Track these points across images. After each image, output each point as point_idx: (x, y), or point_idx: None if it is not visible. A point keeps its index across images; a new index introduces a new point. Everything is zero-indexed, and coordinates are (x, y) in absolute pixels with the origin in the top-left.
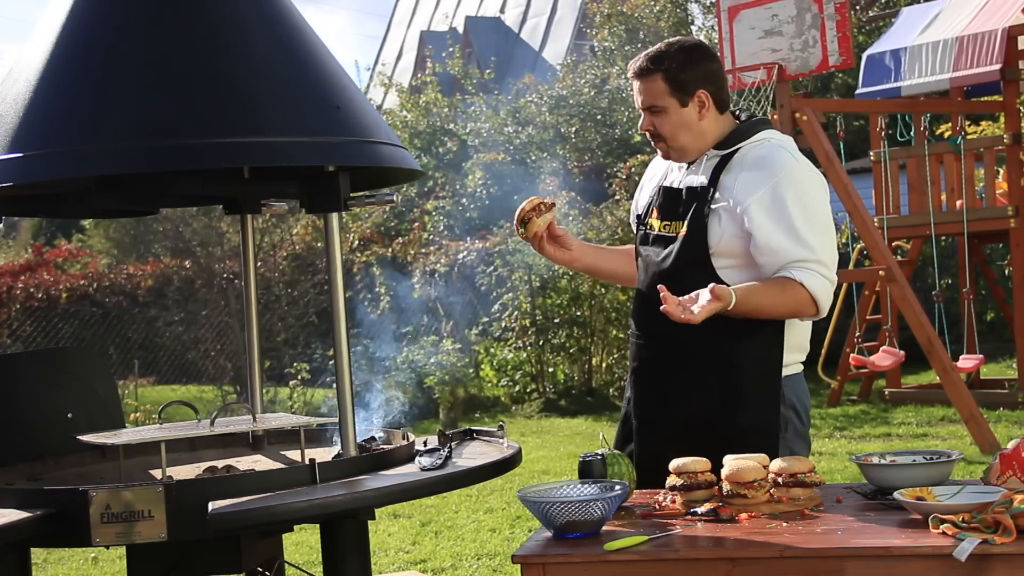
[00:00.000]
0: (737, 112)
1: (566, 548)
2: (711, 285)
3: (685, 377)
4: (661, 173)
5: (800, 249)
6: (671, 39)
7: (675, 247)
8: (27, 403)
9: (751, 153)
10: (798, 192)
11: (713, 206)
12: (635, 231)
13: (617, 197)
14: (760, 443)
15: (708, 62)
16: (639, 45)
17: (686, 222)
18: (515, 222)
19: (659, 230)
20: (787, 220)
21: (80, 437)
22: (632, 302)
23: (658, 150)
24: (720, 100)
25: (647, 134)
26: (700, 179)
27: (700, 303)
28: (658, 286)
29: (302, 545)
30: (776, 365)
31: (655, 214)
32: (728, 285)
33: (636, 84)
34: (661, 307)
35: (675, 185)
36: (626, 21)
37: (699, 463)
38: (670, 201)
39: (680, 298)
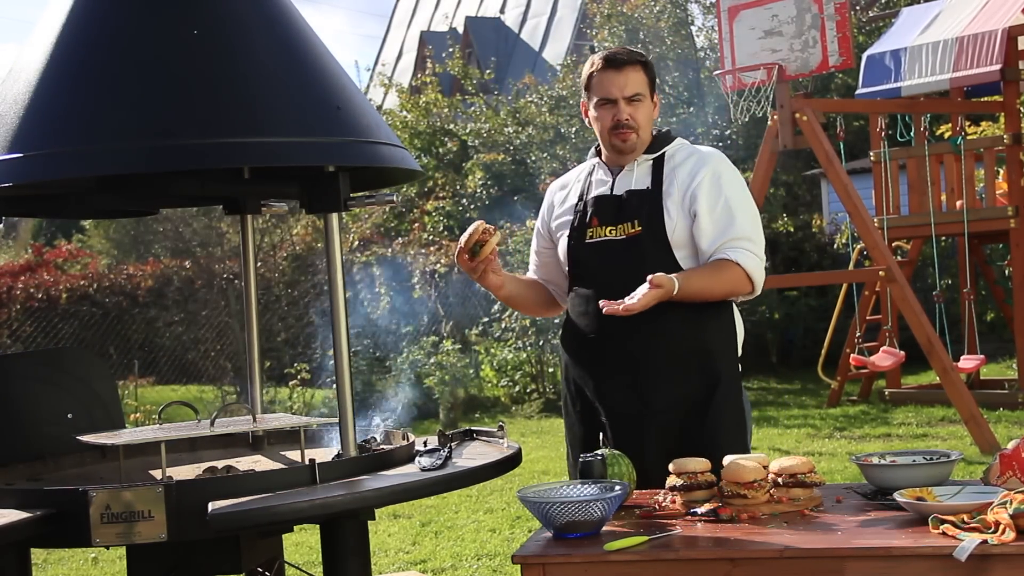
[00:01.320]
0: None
1: (566, 548)
2: (651, 277)
3: (662, 367)
4: (579, 189)
5: (733, 228)
6: (625, 46)
7: (637, 244)
8: (27, 403)
9: (679, 153)
10: (731, 177)
11: (664, 202)
12: (566, 245)
13: None
14: (734, 424)
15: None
16: (639, 45)
17: (638, 220)
18: (462, 247)
19: (605, 235)
20: (724, 200)
21: (80, 437)
22: (572, 309)
23: (621, 142)
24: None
25: (614, 125)
26: (641, 182)
27: (638, 293)
28: (600, 302)
29: (302, 545)
30: (736, 350)
31: (595, 223)
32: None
33: (616, 75)
34: (603, 310)
35: (610, 193)
36: (626, 21)
37: (699, 463)
38: (611, 207)
39: (617, 300)
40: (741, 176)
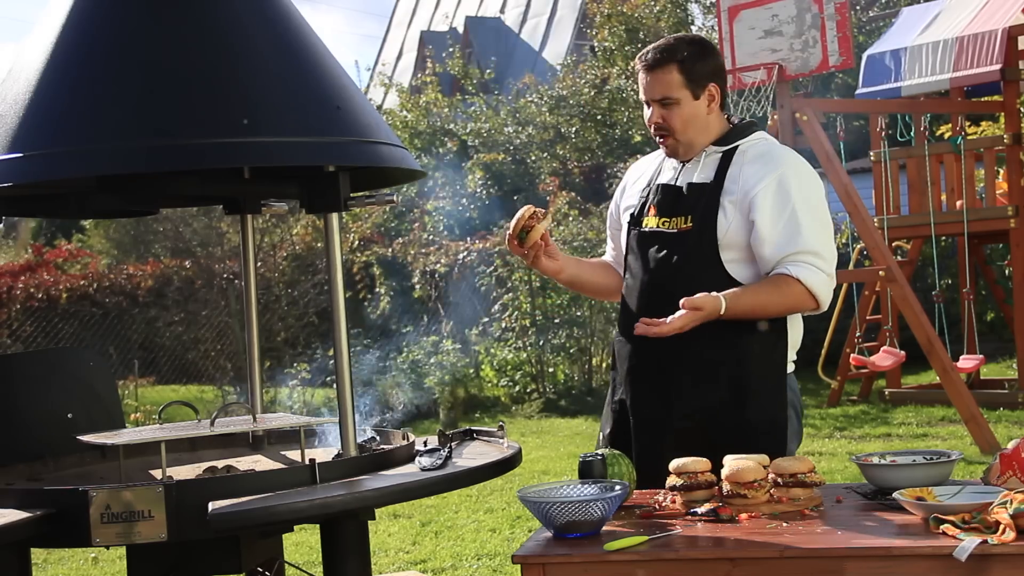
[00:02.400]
0: (729, 114)
1: (566, 548)
2: (696, 296)
3: (691, 373)
4: (650, 173)
5: (798, 241)
6: (677, 34)
7: (684, 240)
8: (27, 403)
9: (752, 149)
10: (802, 185)
11: (721, 199)
12: (626, 231)
13: None
14: (767, 438)
15: (716, 57)
16: (639, 45)
17: (692, 217)
18: (511, 233)
19: (657, 227)
20: (790, 211)
21: (80, 437)
22: (621, 303)
23: (662, 146)
24: (724, 96)
25: (652, 128)
26: (704, 175)
27: (671, 318)
28: (634, 325)
29: (302, 545)
30: (782, 359)
31: (652, 212)
32: (732, 277)
33: (646, 76)
34: (635, 331)
35: (673, 182)
36: (626, 21)
37: (699, 463)
38: (669, 198)
39: (656, 320)
40: (818, 183)
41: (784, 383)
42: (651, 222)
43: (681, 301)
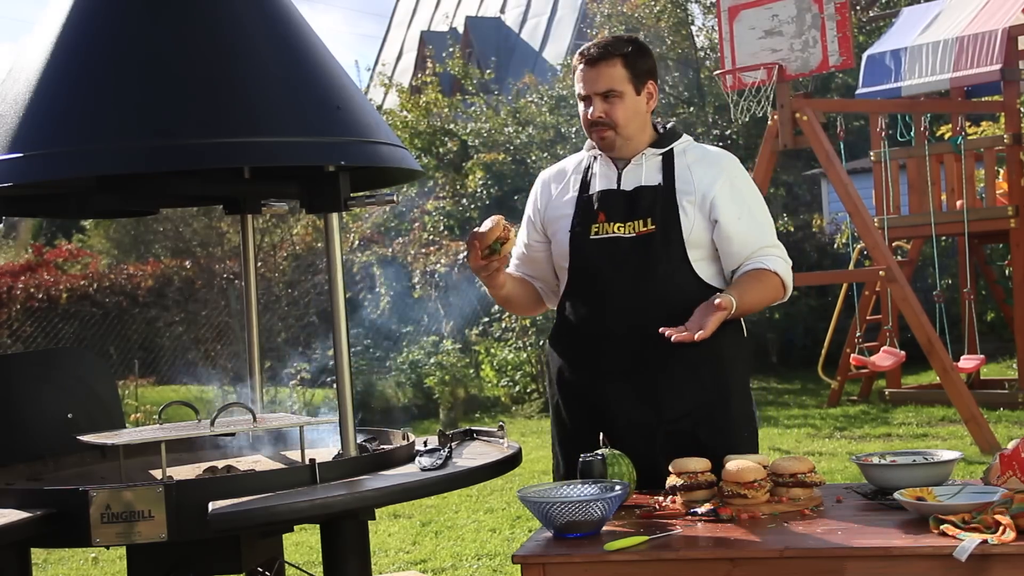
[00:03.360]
0: (654, 120)
1: (566, 548)
2: (716, 299)
3: (675, 373)
4: (575, 182)
5: (763, 235)
6: (615, 35)
7: (648, 243)
8: (27, 403)
9: (690, 151)
10: (748, 184)
11: (679, 200)
12: (567, 240)
13: None
14: (746, 435)
15: (653, 58)
16: None
17: (651, 219)
18: (481, 243)
19: (612, 232)
20: (747, 208)
21: (80, 437)
22: (573, 309)
23: (600, 140)
24: (656, 97)
25: (589, 125)
26: (651, 177)
27: (708, 318)
28: (660, 329)
29: (302, 545)
30: (748, 354)
31: (600, 218)
32: (699, 276)
33: (588, 71)
34: (671, 338)
35: (616, 187)
36: (626, 21)
37: (699, 463)
38: (619, 203)
39: (680, 327)
40: (751, 177)
41: (749, 379)
42: (604, 228)
43: (716, 300)
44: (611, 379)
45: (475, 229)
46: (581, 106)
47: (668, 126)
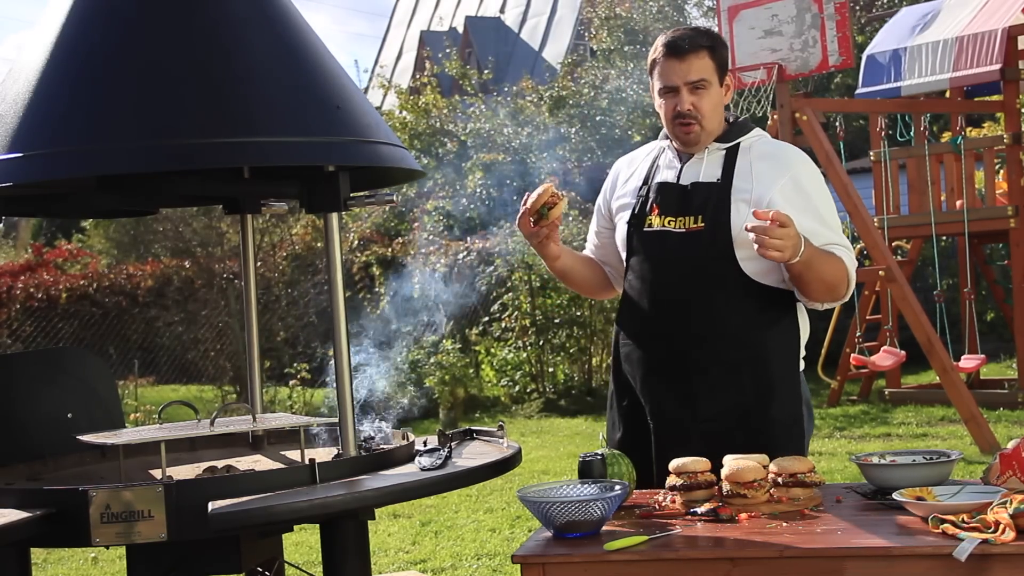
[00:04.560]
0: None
1: (566, 548)
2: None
3: (713, 374)
4: (643, 171)
5: (829, 233)
6: (692, 27)
7: (697, 240)
8: (27, 403)
9: (757, 147)
10: (815, 182)
11: (732, 197)
12: (625, 231)
13: None
14: (789, 435)
15: (728, 50)
16: (638, 47)
17: (702, 216)
18: (529, 207)
19: (663, 226)
20: (813, 207)
21: (80, 437)
22: (626, 299)
23: (686, 134)
24: (733, 90)
25: (676, 117)
26: (710, 173)
27: (779, 232)
28: (753, 211)
29: (302, 545)
30: (796, 355)
31: (655, 211)
32: (747, 276)
33: (677, 63)
34: (748, 227)
35: (675, 181)
36: (624, 24)
37: (699, 463)
38: (674, 197)
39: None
40: (823, 181)
41: (799, 379)
42: (656, 221)
43: (772, 213)
44: (652, 374)
45: (527, 194)
46: (661, 101)
47: (740, 119)
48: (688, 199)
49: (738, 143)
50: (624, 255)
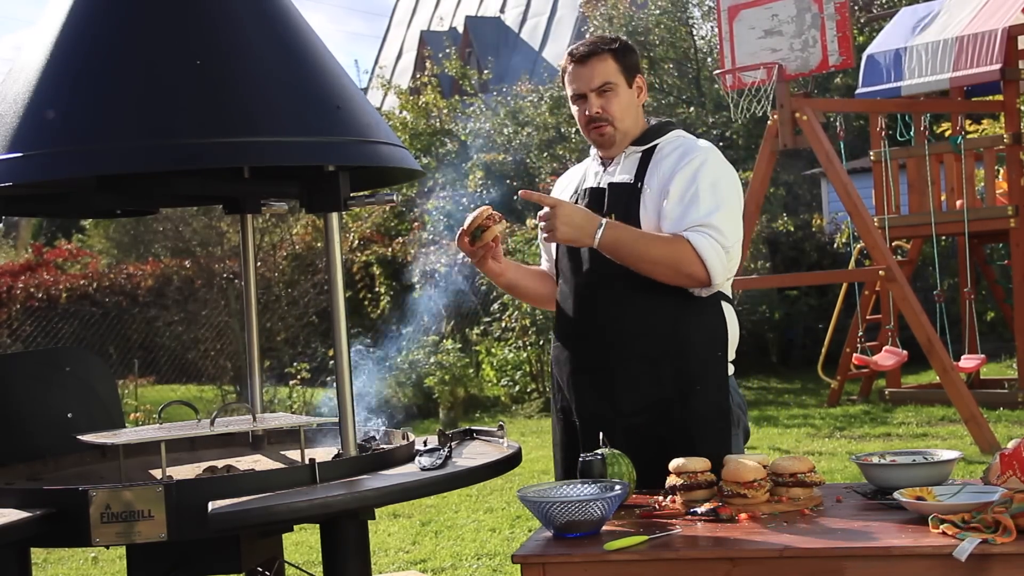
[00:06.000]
0: (647, 116)
1: (566, 548)
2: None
3: (633, 369)
4: (576, 181)
5: (694, 215)
6: (596, 36)
7: None
8: (27, 403)
9: (670, 146)
10: (711, 171)
11: (642, 196)
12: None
13: None
14: (713, 428)
15: (637, 54)
16: (639, 47)
17: (616, 215)
18: (464, 229)
19: None
20: (693, 191)
21: (80, 437)
22: (556, 309)
23: (599, 136)
24: (646, 92)
25: (587, 122)
26: (624, 174)
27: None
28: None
29: (302, 545)
30: (720, 350)
31: None
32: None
33: (581, 69)
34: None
35: (597, 185)
36: (626, 23)
37: (699, 463)
38: (595, 201)
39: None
40: (731, 174)
41: (725, 370)
42: None
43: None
44: (576, 373)
45: (467, 215)
46: (575, 108)
47: (659, 122)
48: (605, 200)
49: (654, 145)
50: (556, 261)
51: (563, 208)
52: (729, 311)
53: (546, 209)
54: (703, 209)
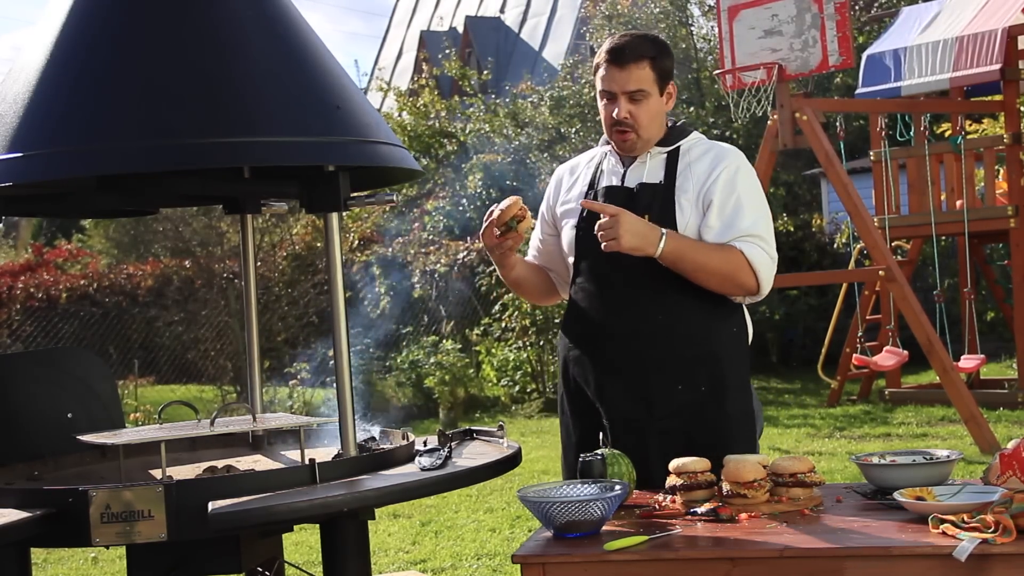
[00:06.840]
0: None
1: (566, 548)
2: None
3: (668, 372)
4: (586, 177)
5: (740, 225)
6: (634, 32)
7: None
8: (27, 403)
9: (696, 148)
10: (747, 178)
11: (677, 197)
12: (573, 235)
13: None
14: (743, 431)
15: (673, 58)
16: None
17: (648, 216)
18: (496, 219)
19: None
20: (735, 199)
21: (80, 437)
22: (574, 303)
23: (621, 141)
24: (675, 98)
25: (613, 124)
26: (653, 175)
27: (618, 227)
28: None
29: (302, 545)
30: (746, 351)
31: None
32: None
33: (618, 71)
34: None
35: (620, 184)
36: (627, 23)
37: (699, 463)
38: (620, 200)
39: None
40: (756, 176)
41: (749, 373)
42: None
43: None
44: (606, 375)
45: (493, 207)
46: (602, 104)
47: (678, 123)
48: (634, 201)
49: (678, 147)
50: (572, 260)
51: (626, 217)
52: (746, 315)
53: (606, 218)
54: (748, 219)
